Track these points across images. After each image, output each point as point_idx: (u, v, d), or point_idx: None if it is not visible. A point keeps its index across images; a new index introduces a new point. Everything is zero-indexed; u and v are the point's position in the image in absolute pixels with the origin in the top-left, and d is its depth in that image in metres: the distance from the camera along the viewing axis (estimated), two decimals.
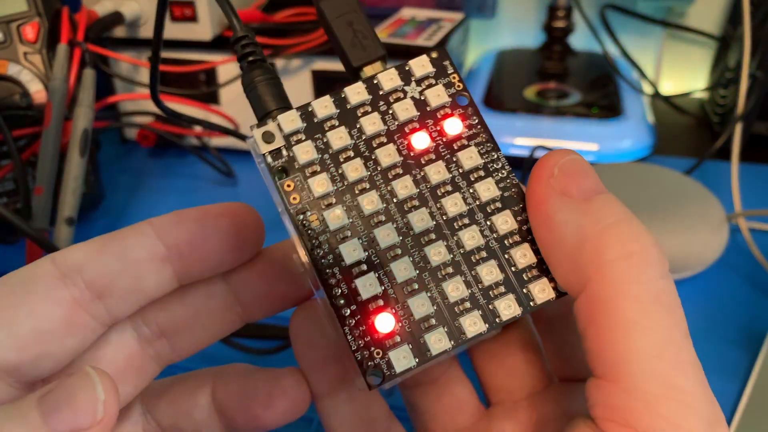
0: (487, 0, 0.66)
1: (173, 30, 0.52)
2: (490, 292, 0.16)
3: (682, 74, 0.70)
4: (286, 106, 0.18)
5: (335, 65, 0.52)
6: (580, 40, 0.66)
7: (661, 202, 0.43)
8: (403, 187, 0.17)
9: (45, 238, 0.36)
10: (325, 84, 0.53)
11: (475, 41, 0.72)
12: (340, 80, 0.50)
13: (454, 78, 0.18)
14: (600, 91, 0.59)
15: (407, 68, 0.18)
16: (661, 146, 0.57)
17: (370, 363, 0.16)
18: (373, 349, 0.16)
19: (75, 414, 0.14)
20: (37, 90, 0.41)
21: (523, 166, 0.52)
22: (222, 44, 0.53)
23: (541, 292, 0.16)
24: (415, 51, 0.51)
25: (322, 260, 0.16)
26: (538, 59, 0.65)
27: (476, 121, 0.18)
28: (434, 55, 0.18)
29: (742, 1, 0.48)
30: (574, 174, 0.15)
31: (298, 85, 0.53)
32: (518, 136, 0.53)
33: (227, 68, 0.53)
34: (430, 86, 0.18)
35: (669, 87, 0.70)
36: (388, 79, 0.18)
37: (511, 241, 0.16)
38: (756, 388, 0.33)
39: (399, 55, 0.50)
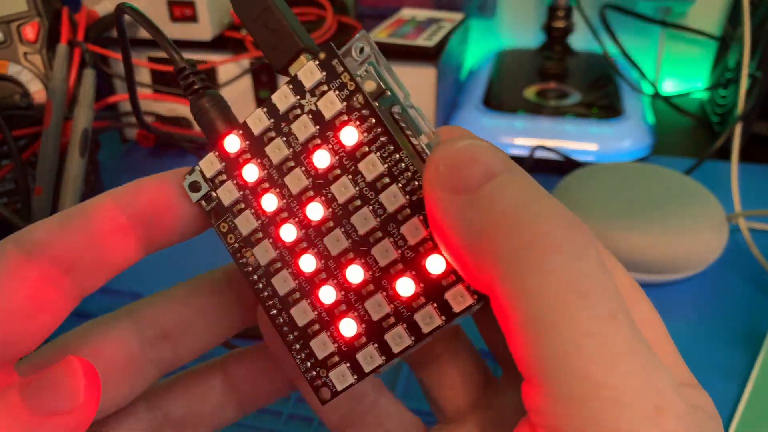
0: (487, 0, 0.66)
1: (173, 30, 0.52)
2: (413, 304, 0.16)
3: (682, 74, 0.70)
4: (234, 125, 0.18)
5: None
6: (580, 40, 0.66)
7: (661, 202, 0.43)
8: (314, 210, 0.16)
9: None
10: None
11: (475, 41, 0.72)
12: None
13: (345, 78, 0.16)
14: (600, 91, 0.59)
15: (298, 80, 0.16)
16: (661, 146, 0.57)
17: (317, 383, 0.17)
18: (319, 369, 0.17)
19: (55, 397, 0.14)
20: (37, 90, 0.41)
21: (523, 166, 0.51)
22: (222, 44, 0.53)
23: (457, 299, 0.15)
24: (415, 51, 0.51)
25: (262, 294, 0.17)
26: (538, 59, 0.65)
27: (374, 122, 0.16)
28: (322, 56, 0.16)
29: (742, 1, 0.48)
30: (460, 165, 0.14)
31: None
32: (518, 136, 0.53)
33: (227, 68, 0.53)
34: (322, 94, 0.16)
35: (669, 87, 0.70)
36: (282, 98, 0.17)
37: (423, 249, 0.16)
38: (756, 388, 0.33)
39: (399, 55, 0.50)
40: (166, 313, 0.18)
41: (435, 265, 0.15)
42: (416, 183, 0.16)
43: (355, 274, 0.16)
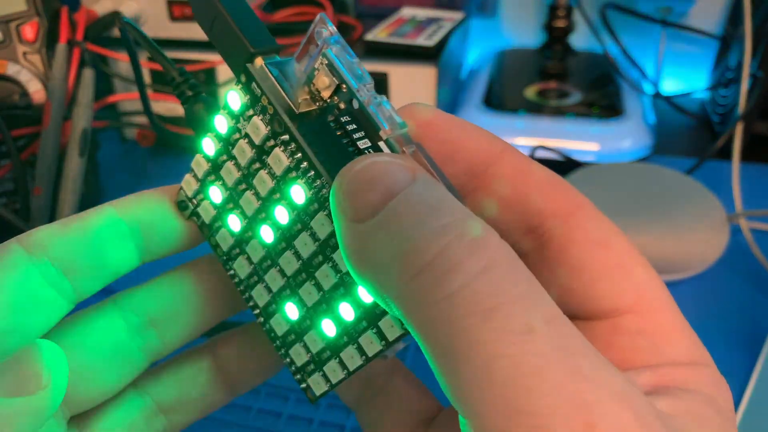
0: (487, 0, 0.66)
1: (173, 30, 0.52)
2: (354, 331, 0.16)
3: (683, 74, 0.70)
4: None
5: None
6: (580, 39, 0.66)
7: (661, 203, 0.43)
8: (266, 233, 0.17)
9: None
10: None
11: (475, 41, 0.72)
12: None
13: (264, 101, 0.15)
14: (600, 91, 0.59)
15: (229, 106, 0.16)
16: (662, 146, 0.57)
17: (303, 386, 0.18)
18: (302, 374, 0.18)
19: (19, 379, 0.15)
20: (36, 90, 0.41)
21: None
22: None
23: (390, 329, 0.15)
24: (415, 50, 0.51)
25: (249, 303, 0.18)
26: (539, 59, 0.65)
27: (294, 147, 0.15)
28: (243, 79, 0.16)
29: (742, 1, 0.48)
30: (356, 191, 0.13)
31: None
32: (519, 136, 0.53)
33: (227, 68, 0.53)
34: (249, 119, 0.16)
35: (670, 87, 0.70)
36: (222, 124, 0.17)
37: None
38: (756, 388, 0.33)
39: (399, 54, 0.50)
40: (151, 302, 0.19)
41: (365, 294, 0.15)
42: None
43: (308, 293, 0.17)
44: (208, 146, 0.17)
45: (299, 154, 0.15)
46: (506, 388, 0.11)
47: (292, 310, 0.17)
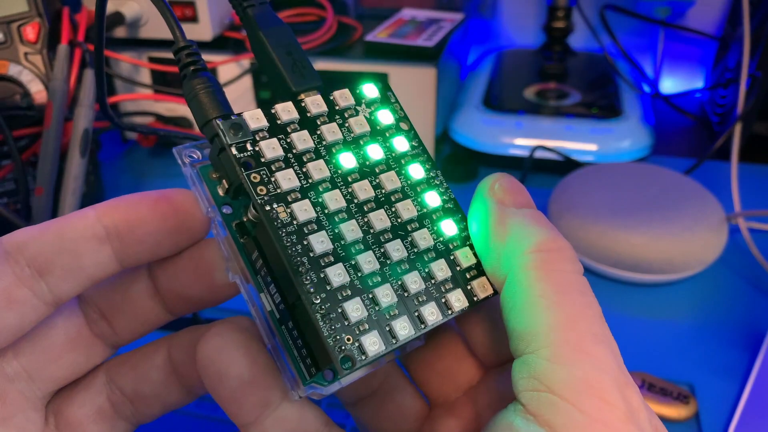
0: (487, 0, 0.66)
1: None
2: (442, 287, 0.18)
3: (682, 74, 0.70)
4: (228, 113, 0.18)
5: (336, 65, 0.52)
6: (579, 40, 0.66)
7: (660, 202, 0.43)
8: (362, 190, 0.18)
9: None
10: (325, 84, 0.53)
11: (475, 41, 0.72)
12: (340, 80, 0.51)
13: (396, 107, 0.20)
14: (600, 91, 0.59)
15: (357, 91, 0.20)
16: (661, 146, 0.57)
17: (340, 347, 0.16)
18: (344, 335, 0.16)
19: None
20: (37, 90, 0.41)
21: (523, 166, 0.52)
22: (222, 44, 0.53)
23: (482, 288, 0.18)
24: (415, 51, 0.51)
25: (290, 249, 0.16)
26: (538, 59, 0.65)
27: (417, 143, 0.20)
28: (381, 85, 0.20)
29: (741, 2, 0.48)
30: (510, 190, 0.18)
31: None
32: (518, 137, 0.54)
33: (228, 68, 0.53)
34: (378, 108, 0.20)
35: (669, 87, 0.70)
36: (342, 97, 0.19)
37: (454, 245, 0.19)
38: (756, 388, 0.33)
39: (399, 55, 0.50)
40: (100, 296, 0.19)
41: (466, 258, 0.18)
42: (449, 195, 0.19)
43: (396, 249, 0.18)
44: (283, 112, 0.18)
45: (435, 172, 0.20)
46: (584, 337, 0.15)
47: (368, 261, 0.17)
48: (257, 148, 0.17)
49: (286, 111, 0.18)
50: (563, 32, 0.63)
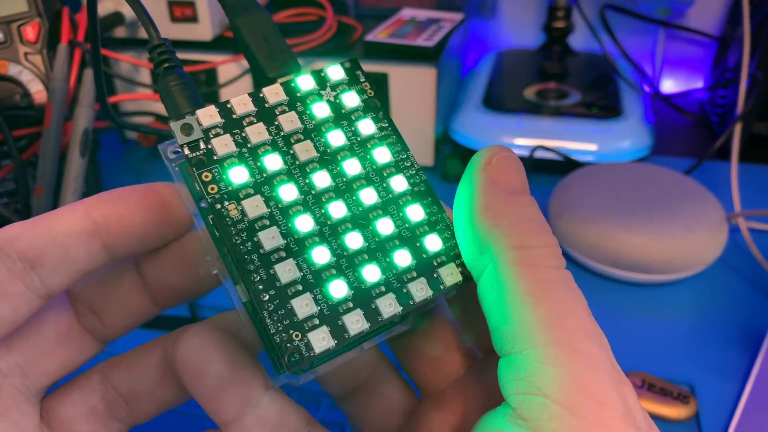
0: (487, 0, 0.66)
1: (173, 30, 0.52)
2: (404, 277, 0.17)
3: (682, 74, 0.70)
4: (192, 110, 0.18)
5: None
6: (579, 40, 0.66)
7: (660, 202, 0.43)
8: (320, 180, 0.17)
9: None
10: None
11: (475, 41, 0.72)
12: None
13: (365, 86, 0.19)
14: (600, 91, 0.59)
15: (322, 74, 0.19)
16: (661, 146, 0.57)
17: (288, 345, 0.16)
18: (291, 332, 0.16)
19: None
20: (37, 90, 0.41)
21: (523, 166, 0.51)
22: (222, 44, 0.53)
23: (450, 275, 0.17)
24: (415, 51, 0.51)
25: (240, 247, 0.16)
26: (538, 59, 0.65)
27: (387, 124, 0.19)
28: (347, 65, 0.19)
29: (741, 2, 0.48)
30: (506, 169, 0.17)
31: None
32: (518, 136, 0.54)
33: (228, 68, 0.53)
34: (343, 91, 0.19)
35: (669, 87, 0.70)
36: (304, 83, 0.19)
37: (421, 230, 0.18)
38: (756, 388, 0.33)
39: (399, 55, 0.50)
40: (89, 290, 0.20)
41: (433, 244, 0.17)
42: (419, 178, 0.18)
43: (354, 241, 0.17)
44: (239, 105, 0.18)
45: (405, 154, 0.19)
46: (573, 334, 0.14)
47: (320, 255, 0.17)
48: (210, 146, 0.17)
49: (241, 104, 0.18)
50: (563, 32, 0.63)
